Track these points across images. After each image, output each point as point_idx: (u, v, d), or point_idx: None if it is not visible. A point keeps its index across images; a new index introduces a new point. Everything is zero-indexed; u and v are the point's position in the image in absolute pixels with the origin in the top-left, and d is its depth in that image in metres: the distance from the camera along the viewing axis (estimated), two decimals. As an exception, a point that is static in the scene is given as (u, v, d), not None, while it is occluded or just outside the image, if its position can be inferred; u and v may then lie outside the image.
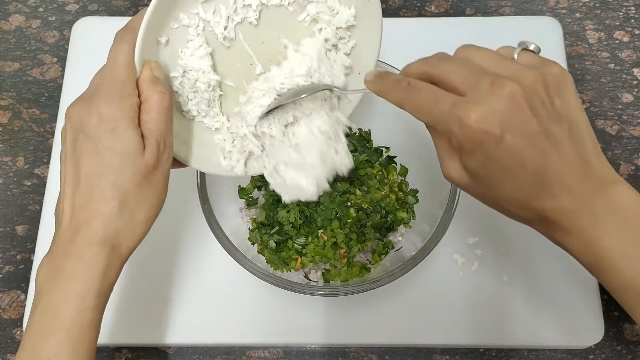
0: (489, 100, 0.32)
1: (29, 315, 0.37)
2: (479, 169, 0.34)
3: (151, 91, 0.39)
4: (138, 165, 0.38)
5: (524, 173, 0.33)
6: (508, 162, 0.33)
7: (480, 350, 0.58)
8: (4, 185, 0.66)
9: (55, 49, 0.72)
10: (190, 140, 0.45)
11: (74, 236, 0.37)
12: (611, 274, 0.34)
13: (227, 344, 0.58)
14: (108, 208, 0.37)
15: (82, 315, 0.36)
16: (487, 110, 0.32)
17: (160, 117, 0.39)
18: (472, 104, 0.32)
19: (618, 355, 0.58)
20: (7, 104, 0.70)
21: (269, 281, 0.49)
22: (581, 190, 0.33)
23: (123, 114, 0.37)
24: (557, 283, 0.58)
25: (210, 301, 0.58)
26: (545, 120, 0.32)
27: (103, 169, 0.37)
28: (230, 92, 0.45)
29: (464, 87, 0.33)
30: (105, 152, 0.37)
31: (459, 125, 0.32)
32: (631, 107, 0.69)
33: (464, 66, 0.34)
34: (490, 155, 0.33)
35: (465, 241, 0.59)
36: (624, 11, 0.74)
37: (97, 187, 0.37)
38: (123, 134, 0.37)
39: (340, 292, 0.49)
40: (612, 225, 0.33)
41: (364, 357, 0.58)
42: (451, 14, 0.74)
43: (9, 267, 0.62)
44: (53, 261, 0.38)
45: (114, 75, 0.38)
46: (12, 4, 0.75)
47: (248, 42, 0.44)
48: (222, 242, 0.51)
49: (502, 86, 0.32)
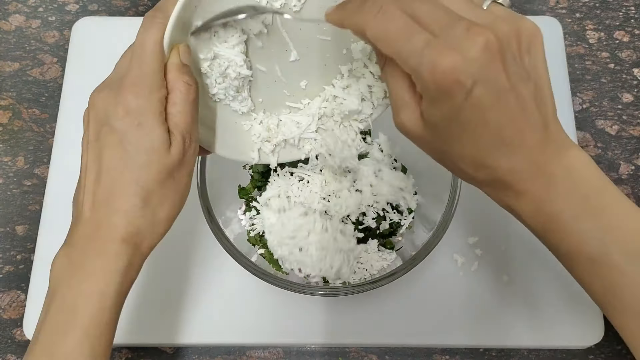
0: (464, 46, 0.30)
1: (44, 309, 0.36)
2: (440, 120, 0.32)
3: (178, 82, 0.37)
4: (163, 163, 0.37)
5: (486, 129, 0.31)
6: (472, 116, 0.31)
7: (480, 350, 0.58)
8: (4, 185, 0.66)
9: (55, 49, 0.72)
10: (215, 126, 0.44)
11: (95, 231, 0.36)
12: (561, 239, 0.34)
13: (227, 344, 0.58)
14: (130, 205, 0.36)
15: (100, 314, 0.35)
16: (461, 58, 0.29)
17: (186, 110, 0.37)
18: (448, 48, 0.30)
19: (618, 355, 0.58)
20: (7, 104, 0.70)
21: (269, 281, 0.49)
22: (538, 152, 0.32)
23: (151, 108, 0.36)
24: (557, 283, 0.58)
25: (211, 301, 0.58)
26: (514, 77, 0.31)
27: (127, 164, 0.36)
28: (260, 76, 0.44)
29: (437, 28, 0.30)
30: (131, 147, 0.36)
31: (431, 69, 0.30)
32: (631, 107, 0.69)
33: (438, 7, 0.31)
34: (455, 106, 0.31)
35: (465, 241, 0.59)
36: (624, 11, 0.74)
37: (120, 183, 0.36)
38: (150, 130, 0.36)
39: (340, 292, 0.49)
40: (566, 189, 0.33)
41: (364, 357, 0.58)
42: (451, 14, 0.74)
43: (9, 267, 0.62)
44: (71, 255, 0.37)
45: (143, 64, 0.36)
46: (12, 4, 0.75)
47: (285, 27, 0.42)
48: (222, 242, 0.51)
49: (478, 34, 0.30)
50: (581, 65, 0.71)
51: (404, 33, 0.31)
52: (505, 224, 0.60)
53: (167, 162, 0.37)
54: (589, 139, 0.68)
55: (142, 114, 0.36)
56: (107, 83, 0.38)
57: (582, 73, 0.70)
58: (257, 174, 0.59)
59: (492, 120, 0.31)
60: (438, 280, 0.58)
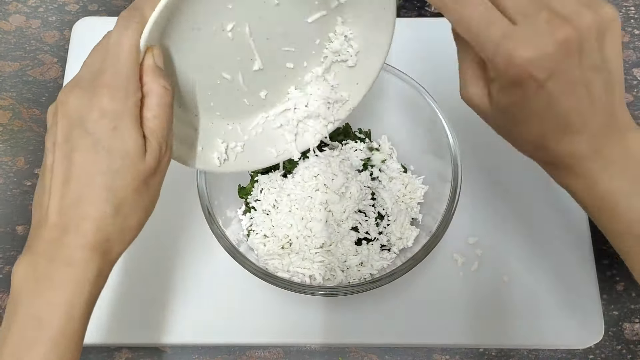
0: (543, 41, 0.30)
1: (7, 319, 0.35)
2: (509, 105, 0.33)
3: (154, 84, 0.36)
4: (138, 169, 0.35)
5: (552, 116, 0.32)
6: (541, 105, 0.32)
7: (480, 350, 0.58)
8: (4, 185, 0.66)
9: (55, 49, 0.72)
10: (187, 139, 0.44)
11: (61, 236, 0.34)
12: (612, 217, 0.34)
13: (227, 344, 0.58)
14: (101, 212, 0.35)
15: (69, 325, 0.34)
16: (539, 53, 0.30)
17: (162, 115, 0.36)
18: (525, 40, 0.30)
19: (618, 355, 0.58)
20: (7, 104, 0.70)
21: (269, 281, 0.49)
22: (601, 138, 0.33)
23: (127, 112, 0.35)
24: (557, 283, 0.58)
25: (211, 301, 0.58)
26: (587, 69, 0.31)
27: (99, 169, 0.34)
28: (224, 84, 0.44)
29: (517, 14, 0.30)
30: (104, 152, 0.34)
31: (506, 60, 0.30)
32: (631, 107, 0.69)
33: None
34: (526, 96, 0.31)
35: (465, 241, 0.59)
36: (624, 11, 0.74)
37: (91, 188, 0.34)
38: (126, 134, 0.35)
39: (340, 292, 0.49)
40: (622, 169, 0.33)
41: (364, 357, 0.58)
42: (451, 14, 0.74)
43: (9, 267, 0.62)
44: (36, 262, 0.35)
45: (119, 65, 0.35)
46: (12, 4, 0.75)
47: (253, 36, 0.42)
48: (223, 242, 0.51)
49: (559, 28, 0.30)
50: (581, 65, 0.71)
51: (484, 20, 0.31)
52: (505, 224, 0.60)
53: (141, 169, 0.35)
54: (588, 139, 0.68)
55: (118, 118, 0.34)
56: (78, 81, 0.36)
57: (582, 73, 0.71)
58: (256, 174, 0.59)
59: (561, 108, 0.32)
60: (438, 280, 0.58)
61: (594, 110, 0.32)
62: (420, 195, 0.58)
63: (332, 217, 0.54)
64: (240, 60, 0.43)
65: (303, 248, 0.53)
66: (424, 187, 0.58)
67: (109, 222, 0.35)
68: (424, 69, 0.63)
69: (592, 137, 0.33)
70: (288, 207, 0.55)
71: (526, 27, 0.30)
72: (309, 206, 0.54)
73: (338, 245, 0.54)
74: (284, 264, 0.53)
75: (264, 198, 0.57)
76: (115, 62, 0.35)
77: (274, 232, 0.55)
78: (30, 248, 0.36)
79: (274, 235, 0.55)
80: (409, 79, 0.55)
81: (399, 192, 0.58)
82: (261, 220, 0.56)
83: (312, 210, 0.54)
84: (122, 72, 0.35)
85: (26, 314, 0.34)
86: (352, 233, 0.55)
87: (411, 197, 0.58)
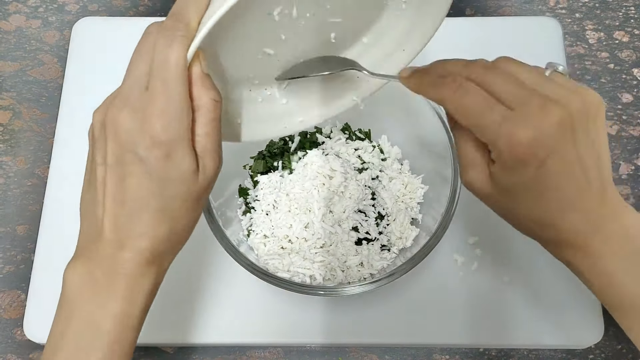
0: (540, 123, 0.32)
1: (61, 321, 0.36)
2: (512, 185, 0.35)
3: (204, 99, 0.34)
4: (192, 189, 0.35)
5: (553, 194, 0.34)
6: (541, 182, 0.34)
7: (480, 350, 0.58)
8: (4, 185, 0.66)
9: (55, 49, 0.72)
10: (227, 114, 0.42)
11: (118, 251, 0.35)
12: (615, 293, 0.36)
13: (227, 344, 0.58)
14: (157, 232, 0.35)
15: (125, 334, 0.36)
16: (538, 133, 0.32)
17: (214, 131, 0.35)
18: (524, 122, 0.33)
19: (618, 355, 0.58)
20: (7, 104, 0.70)
21: (269, 281, 0.49)
22: (597, 212, 0.35)
23: (180, 138, 0.33)
24: (557, 283, 0.58)
25: (211, 301, 0.58)
26: (581, 148, 0.34)
27: (154, 194, 0.34)
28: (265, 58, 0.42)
29: (512, 101, 0.33)
30: (159, 179, 0.34)
31: (508, 141, 0.33)
32: (631, 107, 0.69)
33: (510, 80, 0.34)
34: (528, 175, 0.34)
35: (465, 241, 0.60)
36: (623, 11, 0.74)
37: (147, 211, 0.35)
38: (179, 161, 0.34)
39: (340, 292, 0.49)
40: (622, 245, 0.35)
41: (364, 357, 0.58)
42: (451, 14, 0.73)
43: (9, 267, 0.62)
44: (93, 271, 0.35)
45: (169, 89, 0.33)
46: (12, 4, 0.75)
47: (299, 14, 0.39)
48: (223, 242, 0.51)
49: (553, 111, 0.33)
50: (581, 65, 0.71)
51: (483, 107, 0.34)
52: (505, 224, 0.60)
53: (196, 190, 0.35)
54: (588, 139, 0.68)
55: (170, 146, 0.33)
56: (127, 98, 0.34)
57: (582, 73, 0.70)
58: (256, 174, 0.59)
59: (559, 185, 0.34)
60: (438, 280, 0.58)
61: (589, 187, 0.34)
62: (420, 195, 0.58)
63: (332, 217, 0.54)
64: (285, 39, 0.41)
65: (303, 248, 0.53)
66: (424, 187, 0.58)
67: (165, 240, 0.36)
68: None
69: (589, 212, 0.35)
70: (287, 207, 0.55)
71: (523, 111, 0.33)
72: (308, 206, 0.54)
73: (338, 245, 0.54)
74: (284, 264, 0.53)
75: (263, 198, 0.57)
76: (165, 86, 0.33)
77: (273, 232, 0.55)
78: (84, 255, 0.36)
79: (274, 235, 0.55)
80: (409, 79, 0.55)
81: (399, 192, 0.58)
82: (261, 220, 0.56)
83: (311, 210, 0.54)
84: (173, 97, 0.33)
85: (83, 321, 0.35)
86: (352, 233, 0.55)
87: (411, 197, 0.58)
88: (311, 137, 0.61)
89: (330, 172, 0.55)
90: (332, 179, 0.55)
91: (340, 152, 0.60)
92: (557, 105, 0.33)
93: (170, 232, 0.36)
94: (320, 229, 0.53)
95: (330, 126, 0.62)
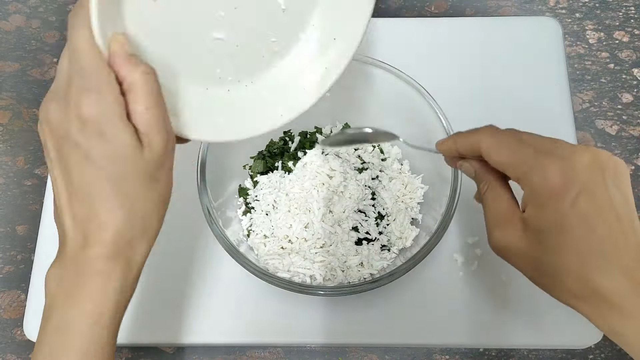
0: (573, 158, 0.33)
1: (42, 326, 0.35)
2: (546, 225, 0.34)
3: (133, 74, 0.33)
4: (139, 166, 0.34)
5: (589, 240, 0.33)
6: (576, 224, 0.33)
7: (480, 350, 0.58)
8: (4, 185, 0.66)
9: (55, 49, 0.72)
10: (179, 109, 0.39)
11: (82, 249, 0.34)
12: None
13: (227, 344, 0.58)
14: (116, 219, 0.34)
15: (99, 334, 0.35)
16: (570, 167, 0.33)
17: (153, 105, 0.34)
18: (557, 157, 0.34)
19: (618, 355, 0.58)
20: (7, 104, 0.70)
21: (269, 281, 0.49)
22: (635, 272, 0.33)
23: (108, 112, 0.32)
24: (557, 283, 0.58)
25: (210, 301, 0.58)
26: (615, 198, 0.33)
27: (101, 177, 0.33)
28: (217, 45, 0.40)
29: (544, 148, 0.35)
30: (99, 159, 0.33)
31: (542, 173, 0.33)
32: (631, 107, 0.69)
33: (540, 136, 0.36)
34: (561, 211, 0.33)
35: (465, 241, 0.60)
36: (623, 11, 0.74)
37: (99, 197, 0.33)
38: (114, 137, 0.33)
39: (340, 292, 0.49)
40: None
41: (364, 357, 0.58)
42: (451, 14, 0.74)
43: (9, 267, 0.62)
44: (63, 275, 0.35)
45: (82, 65, 0.32)
46: (12, 4, 0.75)
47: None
48: (223, 242, 0.51)
49: (584, 153, 0.33)
50: (581, 65, 0.71)
51: (517, 143, 0.36)
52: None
53: (143, 165, 0.34)
54: (589, 138, 0.68)
55: (100, 122, 0.32)
56: (53, 93, 0.34)
57: (582, 73, 0.71)
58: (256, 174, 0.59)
59: (595, 231, 0.33)
60: (438, 280, 0.58)
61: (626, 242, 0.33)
62: (420, 195, 0.58)
63: (332, 217, 0.54)
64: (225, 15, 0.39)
65: (303, 248, 0.53)
66: (424, 187, 0.58)
67: (127, 226, 0.34)
68: (424, 68, 0.63)
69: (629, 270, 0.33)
70: (287, 207, 0.55)
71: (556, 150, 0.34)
72: (308, 206, 0.54)
73: (338, 245, 0.54)
74: (284, 264, 0.53)
75: (263, 198, 0.57)
76: (78, 64, 0.33)
77: (273, 232, 0.55)
78: (58, 258, 0.36)
79: (274, 235, 0.55)
80: (409, 79, 0.55)
81: (399, 192, 0.58)
82: (261, 220, 0.56)
83: (311, 210, 0.54)
84: (87, 73, 0.32)
85: (57, 323, 0.35)
86: (352, 233, 0.55)
87: (411, 197, 0.58)
88: (311, 137, 0.61)
89: (329, 172, 0.55)
90: (331, 179, 0.55)
91: (340, 152, 0.60)
92: (587, 150, 0.34)
93: (130, 215, 0.34)
94: (320, 229, 0.53)
95: (330, 126, 0.62)
